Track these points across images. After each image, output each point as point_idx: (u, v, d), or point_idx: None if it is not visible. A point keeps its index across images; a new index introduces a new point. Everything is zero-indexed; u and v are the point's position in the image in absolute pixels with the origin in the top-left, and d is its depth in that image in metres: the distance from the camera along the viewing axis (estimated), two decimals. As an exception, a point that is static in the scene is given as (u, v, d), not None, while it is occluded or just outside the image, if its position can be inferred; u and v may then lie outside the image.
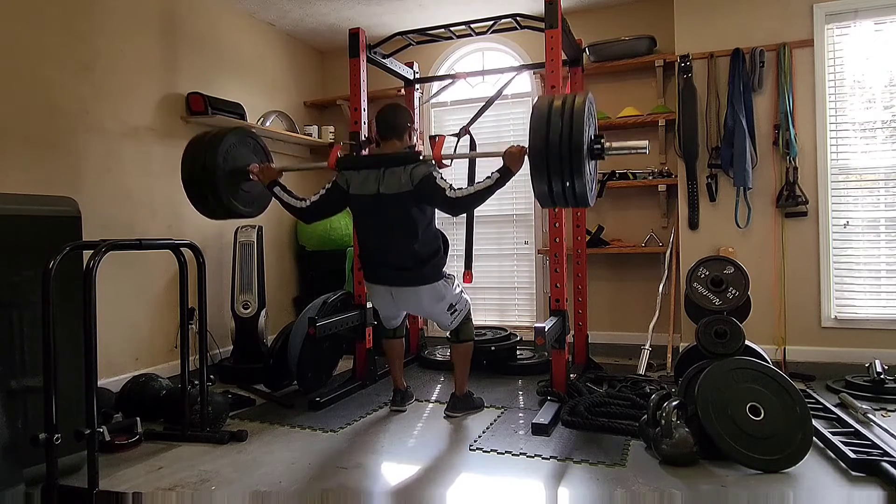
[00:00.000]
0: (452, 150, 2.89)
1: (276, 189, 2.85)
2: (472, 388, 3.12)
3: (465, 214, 3.18)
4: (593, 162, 2.41)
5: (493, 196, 2.57)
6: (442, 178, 2.63)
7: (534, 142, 2.28)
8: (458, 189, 2.58)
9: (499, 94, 3.23)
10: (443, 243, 2.81)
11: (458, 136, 2.96)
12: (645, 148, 2.42)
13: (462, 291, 2.95)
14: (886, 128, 3.52)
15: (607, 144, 2.36)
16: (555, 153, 2.22)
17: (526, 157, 2.38)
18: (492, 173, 2.54)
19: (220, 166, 2.83)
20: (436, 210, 2.74)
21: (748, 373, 2.40)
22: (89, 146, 3.20)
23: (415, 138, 2.90)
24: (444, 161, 2.70)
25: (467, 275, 3.08)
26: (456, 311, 2.88)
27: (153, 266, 3.50)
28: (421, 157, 2.65)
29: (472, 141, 3.23)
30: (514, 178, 2.55)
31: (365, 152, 3.26)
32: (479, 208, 2.80)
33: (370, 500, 2.12)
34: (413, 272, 2.68)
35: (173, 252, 2.70)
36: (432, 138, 2.73)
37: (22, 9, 2.89)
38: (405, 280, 2.71)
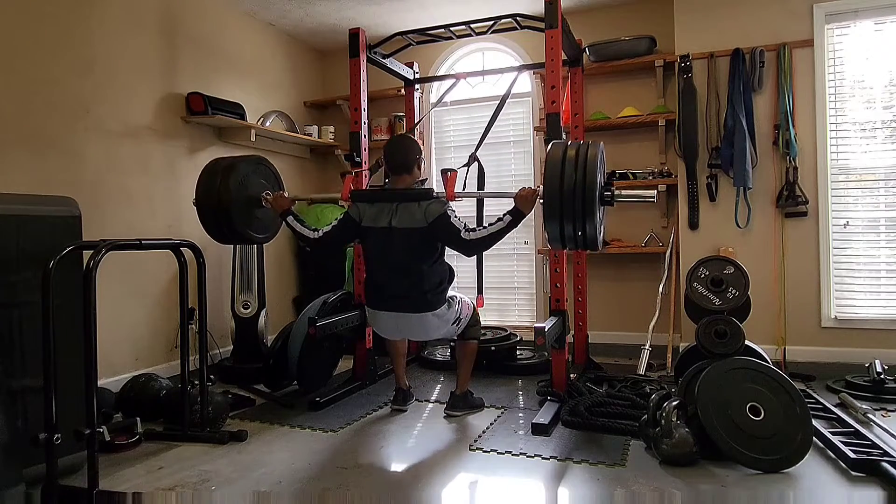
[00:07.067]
0: (462, 172, 2.98)
1: (290, 219, 2.90)
2: (472, 387, 3.13)
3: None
4: (603, 208, 2.50)
5: (492, 203, 2.59)
6: (456, 217, 2.69)
7: (549, 189, 2.38)
8: (473, 230, 2.64)
9: (501, 108, 3.25)
10: (449, 273, 2.88)
11: (468, 164, 3.04)
12: (653, 197, 2.60)
13: (461, 300, 2.97)
14: (886, 128, 3.52)
15: (617, 192, 2.47)
16: (568, 200, 2.32)
17: (538, 200, 2.50)
18: (503, 215, 2.60)
19: (234, 195, 2.87)
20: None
21: (748, 373, 2.41)
22: (89, 146, 3.20)
23: (423, 169, 2.95)
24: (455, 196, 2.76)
25: (479, 299, 3.16)
26: (460, 320, 2.93)
27: (153, 266, 3.50)
28: (434, 195, 2.71)
29: (481, 168, 3.24)
30: (514, 176, 2.56)
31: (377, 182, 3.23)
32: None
33: (370, 500, 2.12)
34: (419, 300, 2.73)
35: (173, 252, 2.70)
36: (443, 173, 2.76)
37: (22, 8, 2.89)
38: (411, 307, 2.75)
